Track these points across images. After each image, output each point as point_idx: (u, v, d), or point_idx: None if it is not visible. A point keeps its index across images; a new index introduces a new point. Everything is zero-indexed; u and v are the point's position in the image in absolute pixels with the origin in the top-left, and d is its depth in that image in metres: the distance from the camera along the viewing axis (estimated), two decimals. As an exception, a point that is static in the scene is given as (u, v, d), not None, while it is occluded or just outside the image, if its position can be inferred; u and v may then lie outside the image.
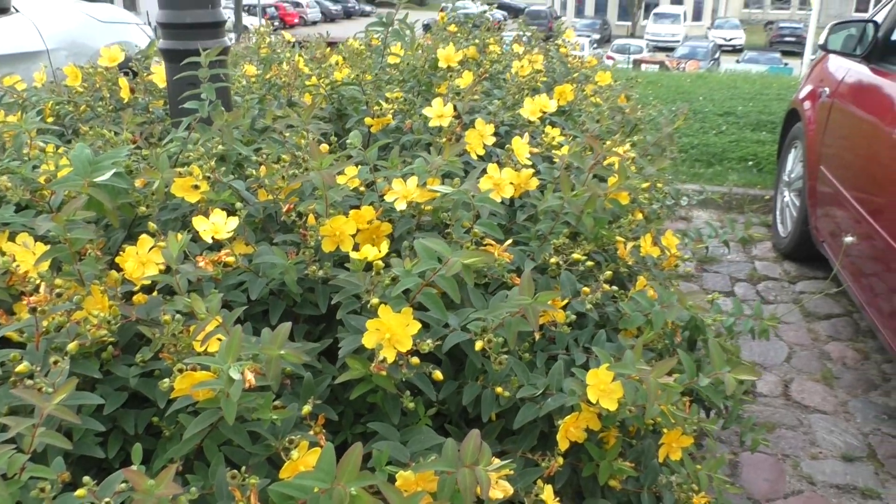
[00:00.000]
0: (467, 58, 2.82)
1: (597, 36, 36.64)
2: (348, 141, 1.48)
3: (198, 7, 1.82)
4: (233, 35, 30.51)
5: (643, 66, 26.06)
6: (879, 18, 3.11)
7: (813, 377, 2.90)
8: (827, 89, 3.43)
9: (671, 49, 33.98)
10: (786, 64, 27.51)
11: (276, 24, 41.71)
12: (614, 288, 1.46)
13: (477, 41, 3.10)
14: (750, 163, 5.19)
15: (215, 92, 1.56)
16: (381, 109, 1.89)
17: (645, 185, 1.84)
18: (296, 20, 44.52)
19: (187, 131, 1.57)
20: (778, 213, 4.20)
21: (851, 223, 2.89)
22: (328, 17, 48.16)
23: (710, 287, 3.67)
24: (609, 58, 29.86)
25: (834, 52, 3.31)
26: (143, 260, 1.20)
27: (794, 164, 3.97)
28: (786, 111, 4.19)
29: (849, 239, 2.56)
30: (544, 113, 2.05)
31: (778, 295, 3.61)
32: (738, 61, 30.06)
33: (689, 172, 5.06)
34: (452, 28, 3.43)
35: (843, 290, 2.98)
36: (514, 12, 53.20)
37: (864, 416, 2.65)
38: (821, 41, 3.33)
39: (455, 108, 1.92)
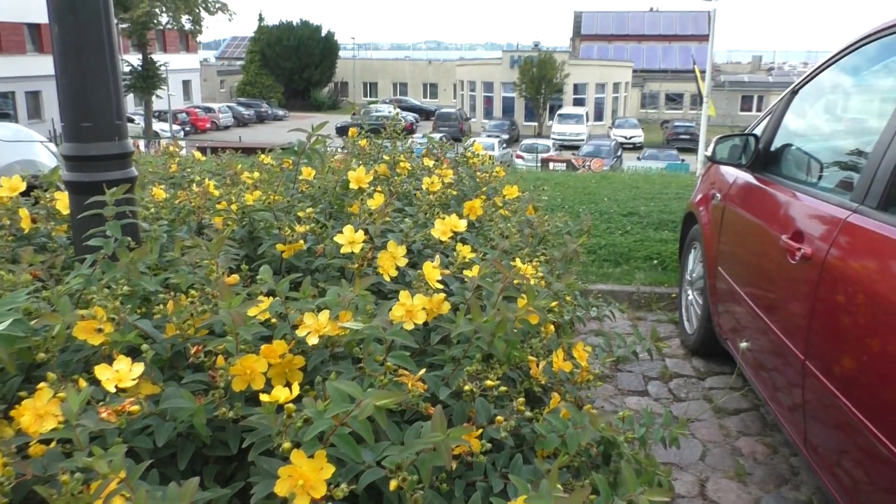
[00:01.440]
0: (378, 175, 2.90)
1: (506, 136, 38.09)
2: (258, 277, 1.48)
3: (104, 139, 1.81)
4: (142, 142, 30.19)
5: (551, 165, 27.21)
6: (758, 131, 3.37)
7: (727, 474, 2.96)
8: (718, 194, 3.65)
9: (576, 147, 35.59)
10: (682, 160, 29.16)
11: (188, 129, 41.76)
12: (528, 414, 1.48)
13: (388, 157, 3.19)
14: (655, 261, 5.41)
15: (122, 228, 1.55)
16: (292, 235, 1.91)
17: (553, 304, 1.89)
18: (208, 125, 44.67)
19: (91, 268, 1.54)
20: (683, 310, 4.37)
21: (749, 321, 3.03)
22: (241, 122, 48.52)
23: (624, 387, 3.75)
24: (518, 157, 31.02)
25: (721, 163, 3.54)
26: (40, 412, 1.15)
27: (694, 264, 4.16)
28: (684, 214, 4.42)
29: (744, 344, 2.68)
30: (455, 232, 2.11)
31: (689, 392, 3.71)
32: (639, 158, 31.72)
33: (599, 272, 5.23)
34: (363, 143, 3.51)
35: (749, 386, 3.09)
36: (426, 114, 54.60)
37: (777, 512, 2.71)
38: (708, 153, 3.56)
39: (367, 232, 1.95)
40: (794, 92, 3.24)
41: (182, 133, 39.56)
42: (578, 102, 46.82)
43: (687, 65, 46.99)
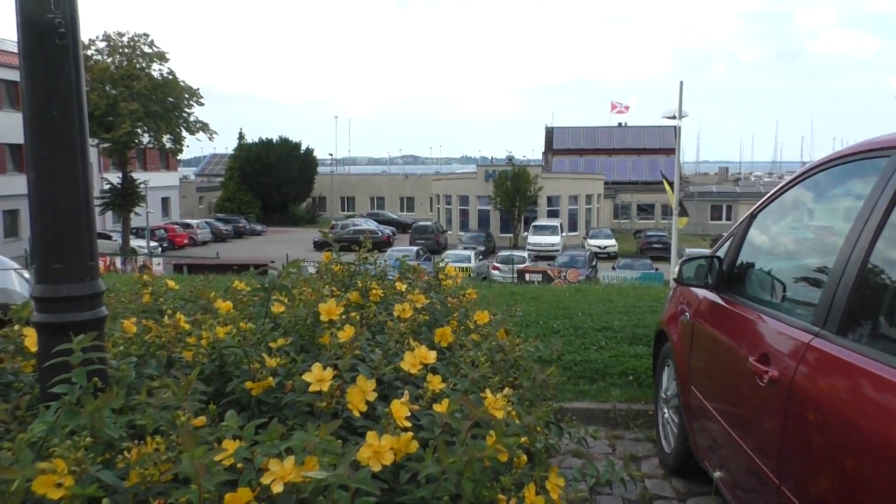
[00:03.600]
0: (350, 303, 2.92)
1: (482, 248, 38.60)
2: (223, 423, 1.47)
3: (75, 281, 1.83)
4: (119, 259, 30.22)
5: (527, 276, 27.47)
6: (721, 253, 3.47)
7: None
8: (688, 313, 3.71)
9: (552, 258, 36.08)
10: (657, 269, 29.60)
11: (166, 245, 41.89)
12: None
13: (360, 283, 3.23)
14: (630, 377, 5.41)
15: (92, 371, 1.55)
16: (261, 372, 1.91)
17: (523, 439, 1.89)
18: (186, 241, 44.86)
19: (55, 414, 1.52)
20: (660, 428, 4.34)
21: (723, 441, 3.02)
22: (219, 238, 48.81)
23: (603, 511, 3.67)
24: (495, 268, 31.35)
25: (688, 284, 3.62)
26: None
27: (668, 381, 4.18)
28: (656, 330, 4.47)
29: (717, 474, 2.66)
30: (424, 365, 2.12)
31: (670, 515, 3.64)
32: (613, 267, 32.19)
33: (575, 390, 5.21)
34: (337, 268, 3.56)
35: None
36: (403, 227, 55.26)
37: None
38: (674, 275, 3.65)
39: (336, 367, 1.96)
40: (754, 216, 3.37)
41: (159, 249, 39.67)
42: (553, 214, 47.84)
43: (656, 176, 48.48)
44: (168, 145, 39.64)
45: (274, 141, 61.96)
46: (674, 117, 18.90)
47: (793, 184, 3.11)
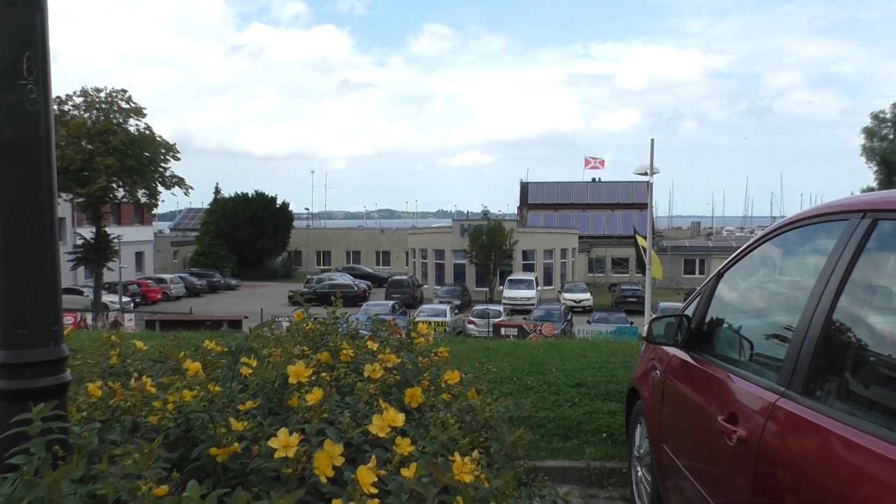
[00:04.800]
0: (321, 363, 2.91)
1: (457, 302, 38.56)
2: (185, 494, 1.45)
3: (38, 346, 1.82)
4: (90, 315, 29.72)
5: (503, 330, 27.41)
6: (690, 311, 3.51)
7: None
8: (658, 372, 3.73)
9: (527, 312, 36.08)
10: (631, 323, 29.71)
11: (138, 300, 41.36)
12: None
13: (331, 343, 3.22)
14: (604, 434, 5.39)
15: (52, 440, 1.52)
16: (227, 438, 1.89)
17: (490, 504, 1.88)
18: (159, 296, 44.33)
19: (13, 487, 1.49)
20: (634, 486, 4.32)
21: (695, 499, 3.01)
22: (193, 292, 48.30)
23: (578, 573, 3.62)
24: (470, 322, 31.26)
25: (657, 343, 3.65)
26: None
27: (641, 439, 4.17)
28: (628, 388, 4.48)
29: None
30: (393, 428, 2.11)
31: (644, 577, 3.60)
32: (589, 321, 32.24)
33: (549, 448, 5.18)
34: (309, 325, 3.54)
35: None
36: (378, 281, 54.92)
37: None
38: (643, 333, 3.68)
39: (304, 432, 1.94)
40: (721, 274, 3.42)
41: (132, 305, 39.14)
42: (528, 268, 48.05)
43: (630, 230, 49.10)
44: (143, 200, 39.42)
45: (250, 195, 62.01)
46: (645, 173, 19.25)
47: (757, 244, 3.18)
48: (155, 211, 48.30)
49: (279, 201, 62.84)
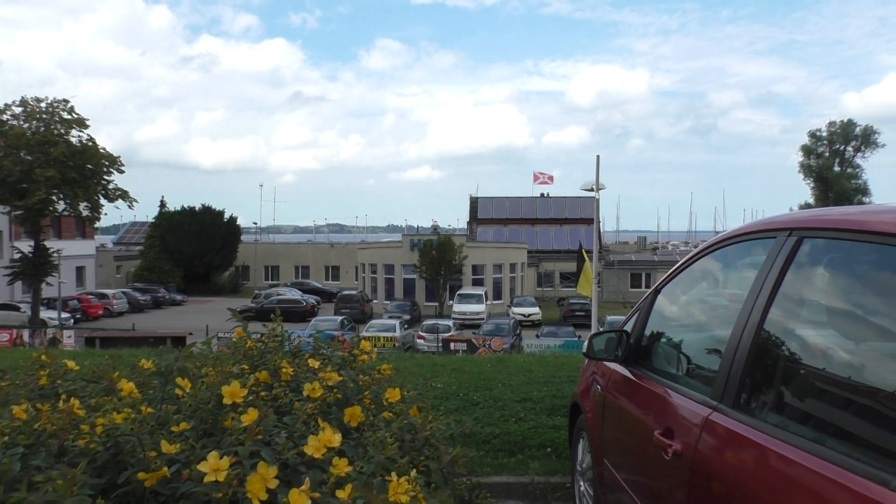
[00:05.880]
0: (259, 383, 2.86)
1: (407, 317, 38.43)
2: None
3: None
4: (26, 332, 28.80)
5: (452, 345, 27.41)
6: (629, 327, 3.56)
7: None
8: (599, 387, 3.78)
9: (477, 326, 36.16)
10: (579, 337, 30.00)
11: (79, 316, 40.20)
12: None
13: (271, 363, 3.17)
14: (549, 449, 5.42)
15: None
16: (156, 462, 1.84)
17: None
18: (100, 312, 43.13)
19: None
20: (577, 501, 4.35)
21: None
22: (136, 308, 47.15)
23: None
24: (420, 337, 31.19)
25: (598, 358, 3.70)
26: None
27: (583, 454, 4.20)
28: (571, 403, 4.52)
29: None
30: (329, 448, 2.08)
31: (586, 591, 3.62)
32: (538, 335, 32.45)
33: (494, 463, 5.19)
34: (250, 343, 3.49)
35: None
36: (328, 296, 54.47)
37: None
38: (584, 350, 3.72)
39: (236, 454, 1.90)
40: (657, 291, 3.48)
41: (71, 321, 38.01)
42: (477, 282, 48.22)
43: (577, 245, 49.64)
44: (85, 213, 38.41)
45: (197, 209, 60.94)
46: (591, 189, 19.48)
47: (692, 261, 3.25)
48: (97, 224, 47.15)
49: (227, 215, 61.91)
